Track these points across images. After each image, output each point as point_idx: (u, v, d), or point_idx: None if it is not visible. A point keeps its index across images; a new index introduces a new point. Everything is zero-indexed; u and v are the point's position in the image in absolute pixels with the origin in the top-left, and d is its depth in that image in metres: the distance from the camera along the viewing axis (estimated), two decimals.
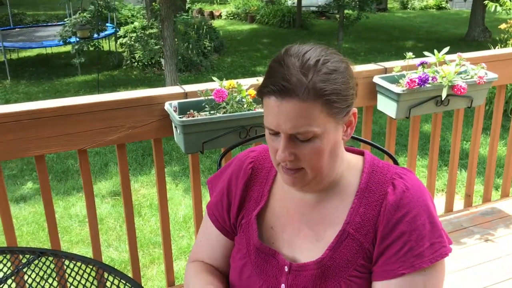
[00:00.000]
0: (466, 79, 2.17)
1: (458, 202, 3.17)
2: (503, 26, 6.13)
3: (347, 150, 1.12)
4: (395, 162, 1.32)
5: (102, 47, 9.69)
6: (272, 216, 1.11)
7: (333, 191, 1.06)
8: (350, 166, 1.07)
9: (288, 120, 0.93)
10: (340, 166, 1.05)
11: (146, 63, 9.52)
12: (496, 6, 6.20)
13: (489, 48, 5.91)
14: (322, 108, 0.93)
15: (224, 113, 1.85)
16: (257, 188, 1.13)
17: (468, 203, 2.85)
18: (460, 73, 2.20)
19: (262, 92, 0.97)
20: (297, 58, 0.94)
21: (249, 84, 1.95)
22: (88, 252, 3.61)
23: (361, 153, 1.12)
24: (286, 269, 1.05)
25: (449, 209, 2.79)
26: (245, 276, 1.10)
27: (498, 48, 5.67)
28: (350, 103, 0.99)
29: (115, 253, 3.67)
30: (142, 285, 1.34)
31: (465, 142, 5.23)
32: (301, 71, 0.92)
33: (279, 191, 1.12)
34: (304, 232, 1.07)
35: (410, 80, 2.08)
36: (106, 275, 1.36)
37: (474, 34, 11.68)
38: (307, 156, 0.97)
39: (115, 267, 1.55)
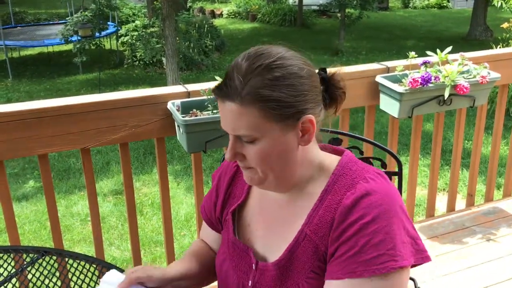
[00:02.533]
0: (469, 78, 2.17)
1: (460, 202, 3.17)
2: (505, 25, 6.12)
3: (327, 149, 1.10)
4: (398, 162, 1.32)
5: (104, 45, 9.72)
6: (249, 213, 1.13)
7: (302, 191, 1.05)
8: (323, 168, 1.05)
9: (229, 122, 0.95)
10: (308, 169, 1.03)
11: (147, 62, 9.52)
12: (501, 3, 6.20)
13: (491, 47, 5.90)
14: (259, 113, 0.92)
15: None
16: (239, 186, 1.16)
17: (470, 202, 2.85)
18: (463, 72, 2.19)
19: (213, 92, 1.00)
20: (248, 61, 0.93)
21: None
22: (90, 251, 3.62)
23: (342, 153, 1.09)
24: (254, 266, 1.07)
25: (451, 208, 2.79)
26: (224, 269, 1.13)
27: (500, 47, 5.67)
28: (301, 110, 0.95)
29: (117, 252, 3.67)
30: None
31: (466, 141, 5.23)
32: (242, 76, 0.92)
33: (257, 189, 1.13)
34: (273, 231, 1.08)
35: (413, 79, 2.08)
36: None
37: (475, 33, 11.68)
38: (252, 157, 0.98)
39: (117, 266, 1.55)
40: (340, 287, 0.93)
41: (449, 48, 2.19)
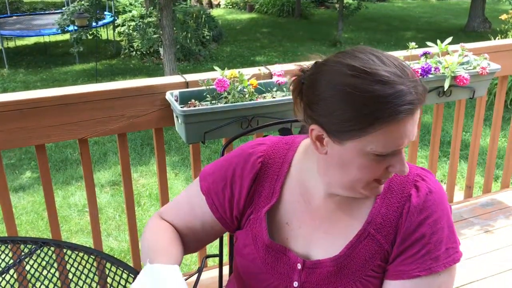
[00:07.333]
0: (469, 69, 2.16)
1: (458, 193, 3.17)
2: (504, 16, 6.12)
3: None
4: None
5: (101, 35, 9.65)
6: (286, 212, 1.08)
7: None
8: None
9: (414, 131, 0.91)
10: None
11: (144, 52, 9.47)
12: None
13: (489, 39, 5.90)
14: None
15: (225, 103, 1.84)
16: (268, 184, 1.09)
17: (468, 194, 2.86)
18: (463, 63, 2.18)
19: (388, 120, 0.87)
20: (402, 66, 0.92)
21: (251, 74, 1.93)
22: (87, 242, 3.62)
23: None
24: (299, 266, 1.04)
25: (449, 200, 2.79)
26: (254, 272, 1.08)
27: (498, 38, 5.66)
28: None
29: (114, 243, 3.67)
30: None
31: (464, 133, 5.23)
32: (412, 79, 0.90)
33: (296, 186, 1.08)
34: (325, 228, 1.05)
35: (413, 70, 2.07)
36: (108, 265, 1.36)
37: (474, 25, 11.65)
38: (403, 162, 0.97)
39: (115, 257, 1.54)
40: (417, 285, 0.97)
41: (449, 39, 2.18)
